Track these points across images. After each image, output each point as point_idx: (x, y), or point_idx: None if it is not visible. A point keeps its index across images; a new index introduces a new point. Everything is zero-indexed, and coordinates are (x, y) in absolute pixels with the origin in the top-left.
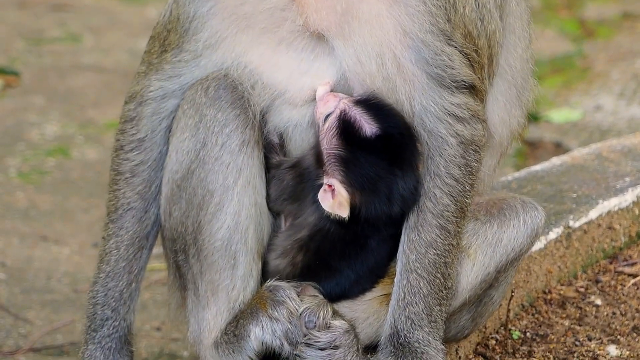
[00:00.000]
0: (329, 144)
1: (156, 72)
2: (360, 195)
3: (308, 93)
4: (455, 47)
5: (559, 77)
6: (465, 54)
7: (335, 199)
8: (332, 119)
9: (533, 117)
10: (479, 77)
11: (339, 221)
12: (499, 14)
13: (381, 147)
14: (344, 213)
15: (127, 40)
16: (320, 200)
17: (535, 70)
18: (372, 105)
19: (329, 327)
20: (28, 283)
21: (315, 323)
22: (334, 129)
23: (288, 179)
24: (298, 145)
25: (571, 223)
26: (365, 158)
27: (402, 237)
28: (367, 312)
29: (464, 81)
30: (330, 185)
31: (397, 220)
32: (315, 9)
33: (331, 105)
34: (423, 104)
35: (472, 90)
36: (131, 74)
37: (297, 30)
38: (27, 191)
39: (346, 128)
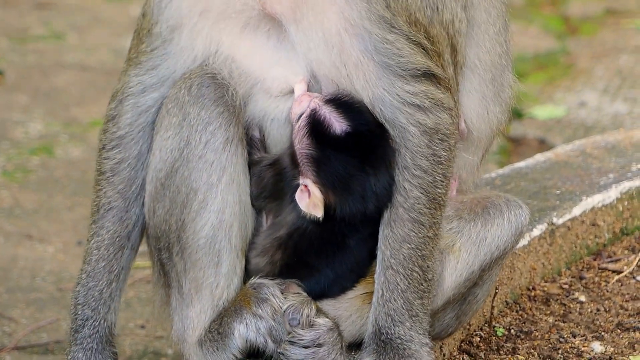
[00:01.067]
0: (301, 143)
1: (134, 67)
2: (333, 195)
3: (283, 83)
4: (399, 34)
5: (543, 74)
6: (413, 41)
7: (310, 199)
8: (303, 118)
9: (517, 114)
10: (437, 65)
11: (316, 220)
12: (459, 4)
13: (352, 145)
14: (319, 213)
15: (111, 39)
16: (297, 200)
17: (514, 66)
18: (342, 103)
19: (312, 324)
20: (13, 282)
21: (299, 321)
22: (305, 128)
23: (268, 176)
24: (277, 140)
25: (555, 220)
26: (336, 157)
27: (379, 234)
28: (349, 310)
29: (417, 69)
30: (306, 186)
31: (374, 218)
32: None
33: (304, 105)
34: (376, 93)
35: (433, 78)
36: (115, 72)
37: (257, 15)
38: (12, 190)
39: (316, 127)
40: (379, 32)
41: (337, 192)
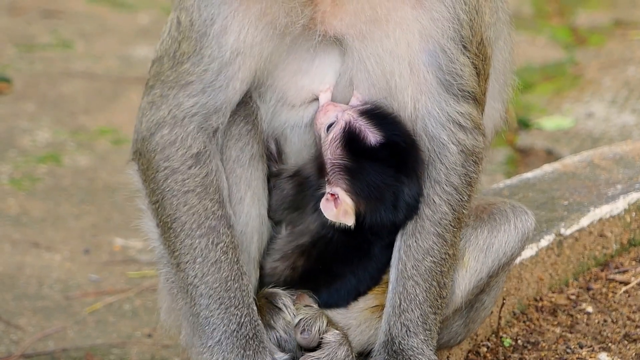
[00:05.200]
0: (334, 154)
1: (181, 88)
2: (365, 204)
3: (307, 94)
4: (468, 57)
5: (551, 85)
6: (473, 63)
7: (338, 208)
8: (337, 130)
9: (524, 125)
10: (481, 90)
11: (342, 229)
12: (494, 20)
13: (387, 156)
14: (350, 221)
15: (119, 47)
16: (322, 210)
17: (520, 75)
18: (376, 114)
19: (324, 343)
20: (19, 290)
21: (310, 335)
22: (339, 140)
23: (288, 188)
24: (296, 148)
25: (562, 230)
26: (372, 167)
27: (397, 244)
28: (359, 319)
29: (468, 92)
30: (332, 195)
31: (399, 227)
32: (332, 11)
33: (331, 116)
34: (428, 108)
35: (475, 101)
36: (122, 80)
37: (309, 31)
38: (19, 198)
39: (352, 138)
40: (455, 52)
41: (370, 201)
